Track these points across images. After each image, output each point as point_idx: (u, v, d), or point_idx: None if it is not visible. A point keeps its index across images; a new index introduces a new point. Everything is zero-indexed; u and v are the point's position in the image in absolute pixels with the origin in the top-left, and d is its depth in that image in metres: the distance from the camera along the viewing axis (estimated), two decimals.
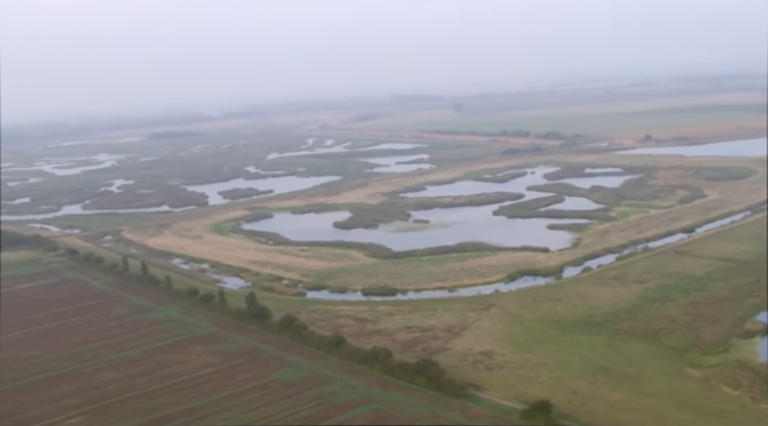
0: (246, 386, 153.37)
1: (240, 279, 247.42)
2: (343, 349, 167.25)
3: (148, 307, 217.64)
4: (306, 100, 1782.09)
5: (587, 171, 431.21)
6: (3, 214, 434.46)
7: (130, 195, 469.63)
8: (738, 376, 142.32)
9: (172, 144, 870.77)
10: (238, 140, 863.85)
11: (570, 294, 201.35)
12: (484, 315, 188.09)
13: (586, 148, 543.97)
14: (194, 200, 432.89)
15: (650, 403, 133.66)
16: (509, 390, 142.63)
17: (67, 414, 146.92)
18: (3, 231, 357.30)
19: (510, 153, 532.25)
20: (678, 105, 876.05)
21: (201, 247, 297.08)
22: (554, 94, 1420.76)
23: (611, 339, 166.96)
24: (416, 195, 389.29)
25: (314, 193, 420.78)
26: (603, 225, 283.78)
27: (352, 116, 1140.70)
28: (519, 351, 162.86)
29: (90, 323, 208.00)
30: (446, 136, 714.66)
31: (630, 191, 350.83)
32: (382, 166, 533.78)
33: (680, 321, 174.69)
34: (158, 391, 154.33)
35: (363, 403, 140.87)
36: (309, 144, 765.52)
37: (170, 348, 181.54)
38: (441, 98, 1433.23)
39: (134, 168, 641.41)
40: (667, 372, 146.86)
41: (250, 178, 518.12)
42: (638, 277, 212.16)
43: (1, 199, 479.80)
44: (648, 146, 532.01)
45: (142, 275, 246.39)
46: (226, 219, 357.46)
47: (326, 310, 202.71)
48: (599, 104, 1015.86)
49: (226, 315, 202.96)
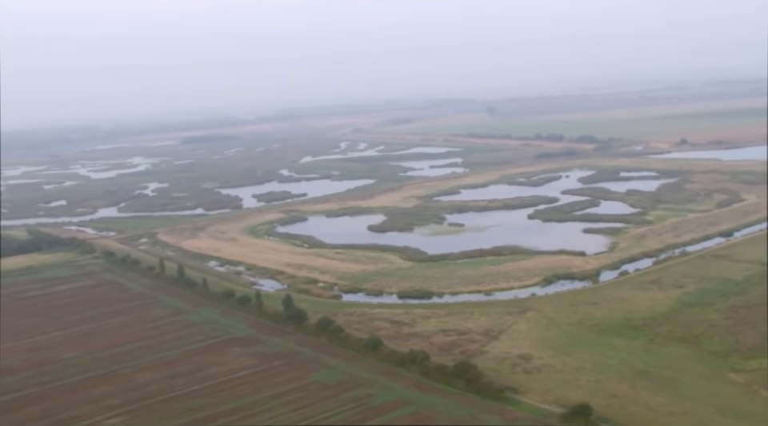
0: (284, 388, 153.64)
1: (276, 281, 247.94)
2: (380, 352, 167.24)
3: (185, 309, 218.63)
4: (340, 104, 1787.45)
5: (622, 175, 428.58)
6: (40, 216, 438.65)
7: (165, 198, 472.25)
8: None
9: (206, 147, 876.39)
10: (271, 143, 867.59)
11: (607, 298, 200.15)
12: (521, 319, 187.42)
13: (621, 152, 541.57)
14: (228, 203, 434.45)
15: (691, 407, 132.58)
16: (547, 393, 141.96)
17: (107, 414, 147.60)
18: (41, 232, 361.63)
19: (544, 157, 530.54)
20: (713, 108, 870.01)
21: (236, 249, 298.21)
22: (587, 97, 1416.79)
23: (650, 343, 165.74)
24: (450, 199, 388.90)
25: (348, 196, 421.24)
26: (640, 229, 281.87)
27: (385, 120, 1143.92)
28: (557, 355, 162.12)
29: (127, 324, 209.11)
30: (479, 140, 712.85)
31: (666, 195, 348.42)
32: (415, 169, 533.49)
33: (720, 325, 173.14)
34: (197, 392, 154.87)
35: (401, 405, 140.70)
36: (342, 148, 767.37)
37: (208, 350, 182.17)
38: (474, 102, 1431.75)
39: (168, 171, 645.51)
40: (708, 377, 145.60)
41: (284, 182, 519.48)
42: (676, 281, 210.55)
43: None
44: (683, 150, 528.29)
45: (178, 277, 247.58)
46: (260, 221, 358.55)
47: (362, 312, 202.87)
48: (633, 108, 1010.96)
49: (262, 317, 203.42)
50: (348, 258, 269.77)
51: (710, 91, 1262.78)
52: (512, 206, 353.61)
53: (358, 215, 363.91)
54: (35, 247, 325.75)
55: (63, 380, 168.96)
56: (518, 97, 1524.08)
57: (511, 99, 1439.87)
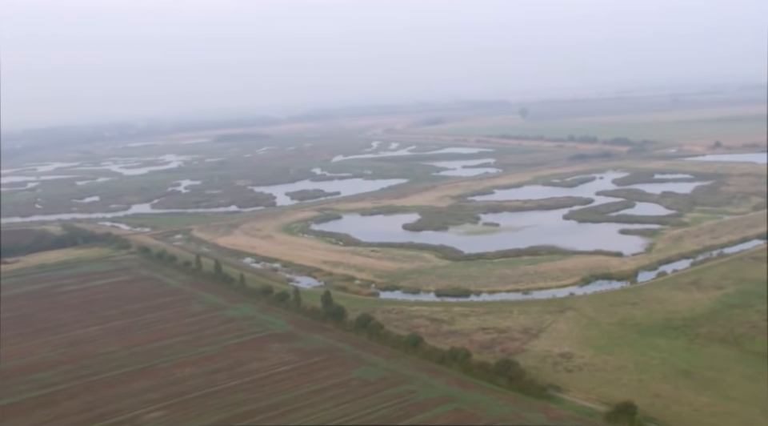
0: (325, 384, 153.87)
1: (312, 278, 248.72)
2: (421, 349, 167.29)
3: (223, 305, 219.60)
4: (372, 104, 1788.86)
5: (657, 177, 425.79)
6: (74, 212, 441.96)
7: (198, 195, 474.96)
8: None
9: (238, 146, 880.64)
10: (303, 143, 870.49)
11: (646, 298, 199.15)
12: (560, 318, 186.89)
13: (655, 154, 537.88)
14: (261, 201, 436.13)
15: (735, 408, 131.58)
16: (590, 392, 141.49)
17: (148, 408, 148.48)
18: (76, 227, 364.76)
19: (578, 158, 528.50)
20: (747, 112, 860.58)
21: (272, 246, 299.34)
22: (621, 100, 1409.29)
23: (691, 344, 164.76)
24: (484, 199, 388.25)
25: (382, 195, 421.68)
26: (676, 230, 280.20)
27: (417, 120, 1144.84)
28: (598, 354, 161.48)
29: (165, 319, 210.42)
30: (512, 141, 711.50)
31: (702, 198, 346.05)
32: (448, 169, 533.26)
33: (761, 327, 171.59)
34: (237, 387, 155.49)
35: (444, 402, 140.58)
36: (373, 147, 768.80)
37: (247, 346, 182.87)
38: (507, 104, 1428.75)
39: (200, 169, 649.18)
40: (751, 377, 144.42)
41: (317, 180, 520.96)
42: (716, 282, 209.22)
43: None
44: (718, 153, 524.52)
45: (215, 273, 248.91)
46: (295, 219, 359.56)
47: (401, 310, 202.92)
48: (666, 111, 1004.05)
49: (300, 313, 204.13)
50: (384, 256, 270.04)
51: (744, 96, 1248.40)
52: (547, 207, 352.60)
53: (393, 213, 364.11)
54: (71, 242, 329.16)
55: (103, 374, 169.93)
56: (551, 99, 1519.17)
57: (544, 101, 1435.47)
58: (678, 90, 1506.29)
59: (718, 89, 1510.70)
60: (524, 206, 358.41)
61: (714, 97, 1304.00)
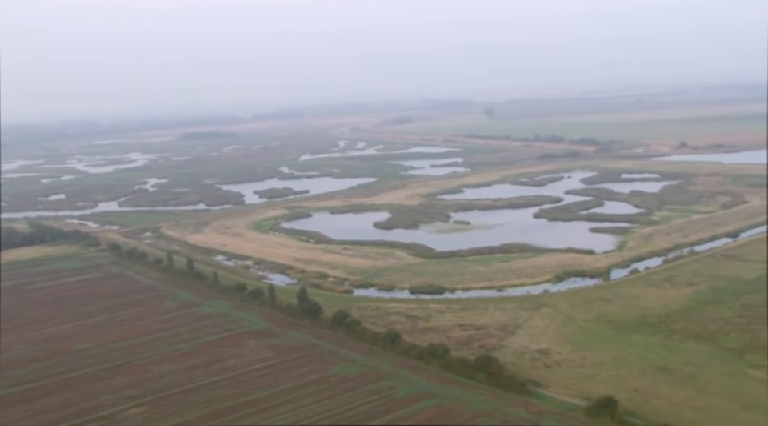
0: (304, 380, 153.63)
1: (285, 276, 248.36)
2: (399, 345, 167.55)
3: (196, 302, 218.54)
4: (339, 103, 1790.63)
5: (624, 177, 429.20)
6: (40, 210, 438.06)
7: (166, 193, 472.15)
8: None
9: (204, 144, 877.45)
10: (269, 141, 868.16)
11: (621, 295, 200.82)
12: (536, 315, 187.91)
13: (622, 154, 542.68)
14: (230, 199, 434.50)
15: (713, 402, 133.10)
16: (570, 387, 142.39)
17: (127, 404, 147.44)
18: (44, 225, 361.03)
19: (546, 158, 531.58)
20: (711, 113, 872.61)
21: (243, 244, 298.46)
22: (586, 101, 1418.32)
23: (667, 340, 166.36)
24: (454, 197, 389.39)
25: (352, 194, 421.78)
26: (647, 229, 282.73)
27: (384, 119, 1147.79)
28: (576, 350, 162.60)
29: (139, 316, 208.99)
30: (479, 140, 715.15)
31: (671, 196, 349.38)
32: (416, 168, 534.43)
33: (735, 323, 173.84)
34: (216, 384, 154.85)
35: (424, 398, 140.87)
36: (341, 146, 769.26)
37: (223, 342, 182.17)
38: (473, 103, 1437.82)
39: (167, 167, 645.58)
40: (728, 372, 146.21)
41: (285, 179, 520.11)
42: (688, 280, 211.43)
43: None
44: (684, 153, 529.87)
45: (187, 270, 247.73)
46: (265, 217, 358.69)
47: (376, 307, 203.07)
48: (631, 112, 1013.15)
49: (276, 310, 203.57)
50: (357, 254, 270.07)
51: (708, 97, 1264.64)
52: (517, 206, 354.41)
53: (363, 212, 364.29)
54: (39, 240, 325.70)
55: (80, 371, 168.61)
56: (516, 99, 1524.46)
57: (509, 101, 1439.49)
58: (642, 91, 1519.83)
59: (681, 90, 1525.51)
60: (494, 204, 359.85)
61: (677, 98, 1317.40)
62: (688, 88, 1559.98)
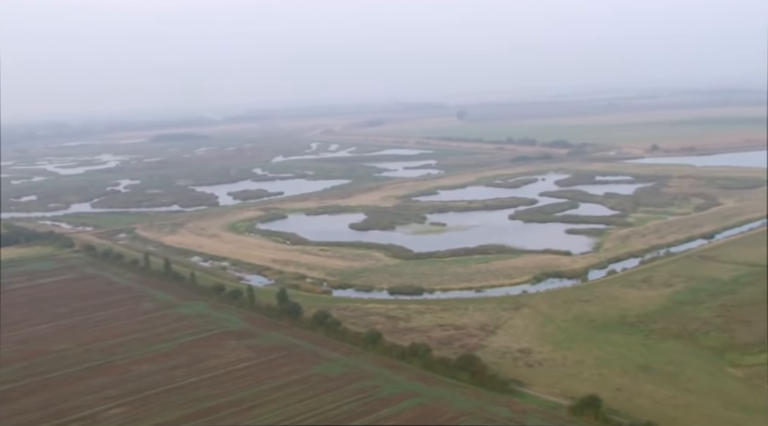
0: (286, 380, 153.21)
1: (263, 277, 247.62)
2: (380, 345, 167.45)
3: (174, 303, 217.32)
4: (308, 106, 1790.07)
5: (598, 179, 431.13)
6: (12, 211, 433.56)
7: (140, 195, 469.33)
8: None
9: (176, 146, 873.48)
10: (242, 143, 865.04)
11: (599, 295, 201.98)
12: (516, 315, 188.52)
13: (595, 157, 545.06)
14: (204, 200, 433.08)
15: (696, 400, 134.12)
16: (553, 386, 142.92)
17: (108, 404, 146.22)
18: (16, 226, 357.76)
19: (520, 160, 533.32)
20: (682, 117, 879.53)
21: (220, 245, 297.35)
22: (558, 104, 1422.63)
23: (647, 339, 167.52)
24: (429, 199, 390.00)
25: (327, 195, 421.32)
26: (623, 230, 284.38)
27: (356, 122, 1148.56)
28: (557, 350, 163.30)
29: (116, 317, 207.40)
30: (452, 143, 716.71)
31: (645, 198, 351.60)
32: (390, 170, 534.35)
33: (713, 323, 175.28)
34: (197, 384, 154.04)
35: (408, 397, 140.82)
36: (313, 148, 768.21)
37: (203, 343, 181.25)
38: (444, 106, 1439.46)
39: (139, 169, 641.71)
40: (708, 371, 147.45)
41: (258, 181, 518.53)
42: (666, 280, 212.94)
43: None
44: (656, 156, 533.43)
45: (164, 271, 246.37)
46: (240, 218, 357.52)
47: (356, 307, 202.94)
48: (602, 115, 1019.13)
49: (255, 311, 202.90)
50: (334, 255, 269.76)
51: (678, 101, 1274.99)
52: (492, 207, 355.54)
53: (338, 213, 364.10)
54: (12, 241, 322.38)
55: (58, 371, 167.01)
56: (487, 102, 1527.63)
57: (481, 104, 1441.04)
58: (613, 95, 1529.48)
59: (652, 94, 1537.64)
60: (469, 206, 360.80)
61: (648, 101, 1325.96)
62: (658, 92, 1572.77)
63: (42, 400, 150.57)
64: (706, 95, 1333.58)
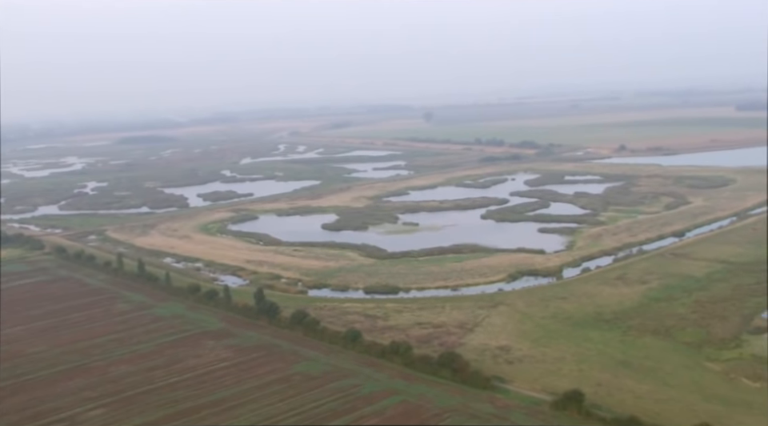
0: (267, 379, 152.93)
1: (237, 277, 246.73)
2: (360, 343, 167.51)
3: (149, 304, 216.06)
4: (275, 108, 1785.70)
5: (567, 179, 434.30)
6: None
7: (108, 197, 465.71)
8: (757, 370, 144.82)
9: (142, 148, 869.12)
10: (209, 145, 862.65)
11: (575, 293, 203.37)
12: (494, 313, 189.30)
13: (563, 157, 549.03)
14: (174, 202, 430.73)
15: (676, 394, 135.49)
16: (534, 382, 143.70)
17: (87, 406, 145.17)
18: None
19: (489, 160, 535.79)
20: (646, 118, 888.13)
21: (192, 246, 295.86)
22: (522, 106, 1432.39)
23: (624, 336, 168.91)
24: (400, 200, 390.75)
25: (297, 196, 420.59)
26: (594, 229, 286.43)
27: (322, 124, 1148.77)
28: (536, 346, 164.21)
29: (92, 318, 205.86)
30: (420, 144, 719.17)
31: (615, 198, 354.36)
32: (359, 171, 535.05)
33: (689, 319, 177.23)
34: (177, 384, 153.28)
35: (389, 395, 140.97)
36: (281, 150, 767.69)
37: (181, 343, 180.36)
38: (410, 108, 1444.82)
39: (105, 171, 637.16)
40: (687, 366, 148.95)
41: (227, 182, 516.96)
42: (640, 278, 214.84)
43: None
44: (624, 156, 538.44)
45: (138, 272, 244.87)
46: (211, 220, 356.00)
47: (333, 307, 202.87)
48: (568, 116, 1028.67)
49: (232, 311, 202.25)
50: (308, 255, 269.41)
51: (641, 102, 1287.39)
52: (464, 207, 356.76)
53: (310, 214, 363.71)
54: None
55: (35, 373, 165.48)
56: (453, 104, 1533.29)
57: (447, 106, 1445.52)
58: (576, 97, 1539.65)
59: (614, 95, 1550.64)
60: (441, 206, 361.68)
61: (611, 103, 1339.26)
62: (621, 94, 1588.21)
63: (20, 402, 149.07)
64: (668, 97, 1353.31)
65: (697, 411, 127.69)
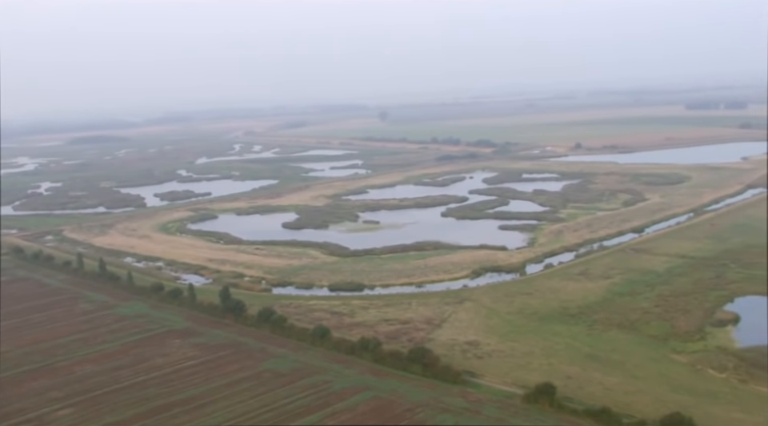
0: (236, 376, 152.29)
1: (200, 276, 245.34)
2: (328, 340, 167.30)
3: (112, 304, 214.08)
4: (229, 108, 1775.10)
5: (525, 177, 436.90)
6: None
7: (63, 197, 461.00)
8: (722, 361, 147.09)
9: (96, 148, 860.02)
10: (163, 145, 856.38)
11: (540, 288, 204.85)
12: (460, 309, 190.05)
13: (520, 155, 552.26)
14: (131, 202, 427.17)
15: (645, 386, 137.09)
16: (505, 376, 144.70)
17: (53, 406, 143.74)
18: None
19: (446, 159, 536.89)
20: (600, 117, 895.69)
21: (152, 245, 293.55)
22: (477, 105, 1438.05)
23: (590, 329, 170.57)
24: (360, 198, 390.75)
25: (256, 195, 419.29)
26: (555, 225, 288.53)
27: (277, 124, 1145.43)
28: (504, 341, 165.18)
29: (54, 319, 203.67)
30: (376, 143, 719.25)
31: (573, 195, 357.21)
32: (317, 170, 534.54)
33: (653, 312, 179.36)
34: (145, 383, 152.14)
35: (361, 390, 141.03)
36: (237, 149, 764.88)
37: (146, 342, 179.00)
38: (365, 108, 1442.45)
39: (59, 171, 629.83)
40: (654, 358, 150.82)
41: (184, 182, 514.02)
42: (603, 273, 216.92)
43: None
44: (580, 154, 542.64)
45: (99, 272, 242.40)
46: (170, 219, 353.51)
47: (299, 304, 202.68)
48: (523, 115, 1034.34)
49: (196, 310, 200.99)
50: (270, 253, 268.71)
51: (594, 101, 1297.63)
52: (424, 205, 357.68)
53: (270, 213, 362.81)
54: None
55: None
56: (408, 103, 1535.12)
57: (401, 105, 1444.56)
58: (532, 96, 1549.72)
59: (569, 95, 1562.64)
60: (401, 204, 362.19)
61: (566, 102, 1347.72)
62: (575, 93, 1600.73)
63: None
64: (621, 96, 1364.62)
65: (666, 402, 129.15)
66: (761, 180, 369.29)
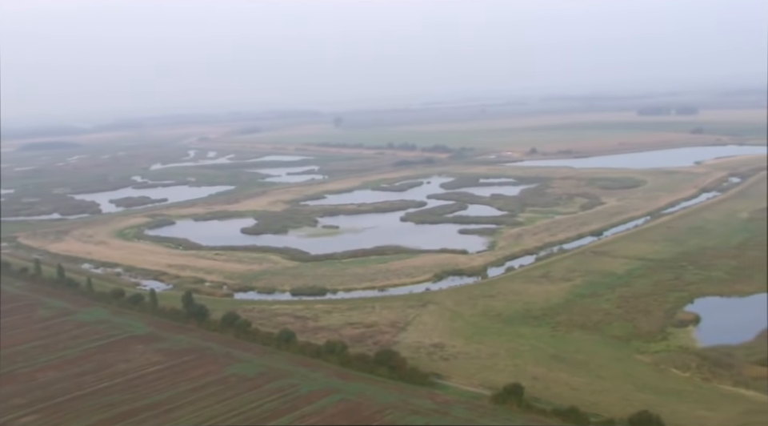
0: (202, 381, 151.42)
1: (159, 282, 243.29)
2: (294, 344, 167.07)
3: (71, 310, 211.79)
4: (182, 114, 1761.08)
5: (482, 181, 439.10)
6: None
7: (15, 203, 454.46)
8: (685, 360, 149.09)
9: (47, 155, 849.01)
10: (116, 151, 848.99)
11: (502, 291, 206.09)
12: (424, 312, 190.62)
13: (476, 160, 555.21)
14: (86, 208, 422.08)
15: (610, 385, 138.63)
16: (472, 378, 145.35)
17: (17, 413, 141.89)
18: None
19: (403, 164, 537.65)
20: (554, 122, 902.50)
21: (110, 251, 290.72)
22: (429, 111, 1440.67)
23: (554, 331, 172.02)
24: (318, 203, 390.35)
25: (213, 201, 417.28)
26: (514, 229, 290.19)
27: (231, 130, 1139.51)
28: (469, 343, 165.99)
29: (12, 326, 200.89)
30: (331, 149, 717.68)
31: (531, 199, 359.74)
32: (273, 176, 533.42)
33: (614, 313, 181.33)
34: (109, 389, 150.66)
35: (328, 393, 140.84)
36: (191, 156, 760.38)
37: (108, 348, 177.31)
38: (319, 114, 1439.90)
39: (10, 178, 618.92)
40: (618, 358, 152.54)
41: (139, 188, 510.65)
42: (564, 275, 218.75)
43: None
44: (535, 159, 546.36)
45: (58, 278, 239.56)
46: (127, 225, 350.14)
47: (262, 309, 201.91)
48: (477, 121, 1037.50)
49: (158, 315, 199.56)
50: (230, 258, 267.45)
51: (546, 107, 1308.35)
52: (382, 210, 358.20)
53: (228, 218, 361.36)
54: None
55: None
56: (361, 109, 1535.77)
57: (354, 112, 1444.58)
58: (485, 102, 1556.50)
59: (521, 101, 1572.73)
60: (360, 209, 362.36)
61: (519, 108, 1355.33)
62: (527, 99, 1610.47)
63: None
64: (573, 102, 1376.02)
65: (631, 401, 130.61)
66: (714, 184, 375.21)
